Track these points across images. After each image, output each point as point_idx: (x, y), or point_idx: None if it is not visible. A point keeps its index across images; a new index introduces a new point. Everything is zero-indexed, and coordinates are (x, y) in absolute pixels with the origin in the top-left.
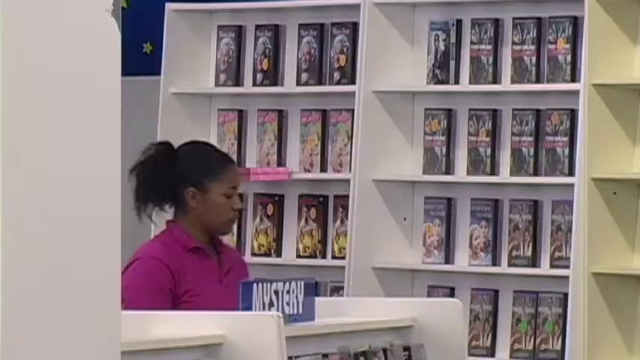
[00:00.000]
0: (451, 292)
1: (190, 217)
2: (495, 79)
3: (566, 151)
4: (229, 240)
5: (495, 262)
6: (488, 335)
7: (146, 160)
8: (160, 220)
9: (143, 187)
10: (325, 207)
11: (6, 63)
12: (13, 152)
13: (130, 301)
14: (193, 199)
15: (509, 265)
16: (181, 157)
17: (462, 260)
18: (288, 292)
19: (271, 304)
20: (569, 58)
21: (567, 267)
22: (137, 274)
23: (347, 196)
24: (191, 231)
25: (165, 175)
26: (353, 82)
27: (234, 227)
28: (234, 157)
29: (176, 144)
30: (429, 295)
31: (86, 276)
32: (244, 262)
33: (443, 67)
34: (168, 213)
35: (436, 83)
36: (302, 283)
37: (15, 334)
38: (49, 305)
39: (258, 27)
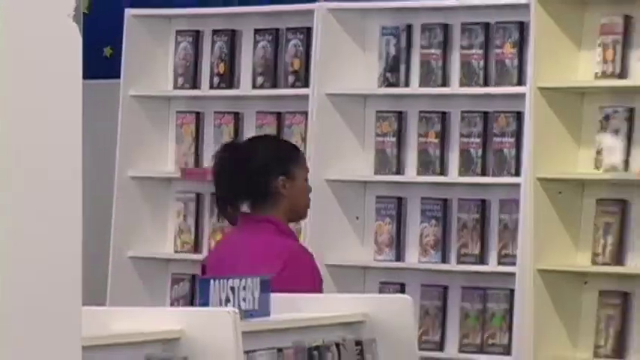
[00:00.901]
0: (402, 289)
1: (282, 206)
2: (444, 83)
3: (513, 152)
4: (186, 237)
5: (444, 260)
6: (437, 330)
7: (221, 165)
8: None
9: (228, 191)
10: None
11: None
12: None
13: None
14: (284, 187)
15: (458, 262)
16: (258, 151)
17: (412, 257)
18: (244, 288)
19: (228, 300)
20: (515, 62)
21: (514, 264)
22: (313, 268)
23: None
24: (283, 221)
25: (247, 172)
26: (307, 86)
27: (192, 223)
28: (192, 159)
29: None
30: (381, 291)
31: (47, 272)
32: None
33: (393, 71)
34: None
35: (387, 86)
36: (258, 279)
37: None
38: (8, 301)
39: (215, 32)
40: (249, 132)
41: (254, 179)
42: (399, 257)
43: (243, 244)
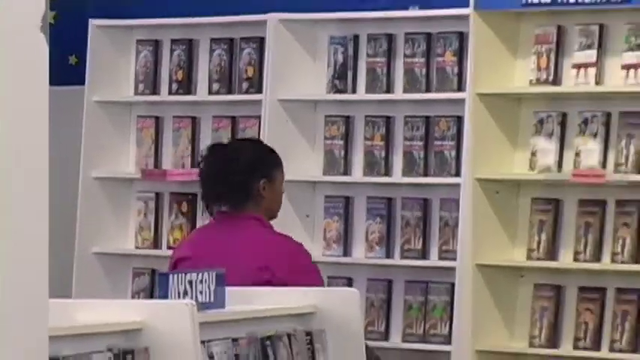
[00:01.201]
0: (349, 282)
1: (261, 207)
2: (389, 89)
3: (453, 154)
4: (146, 234)
5: (389, 255)
6: (382, 321)
7: (210, 162)
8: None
9: (213, 189)
10: None
11: None
12: None
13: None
14: (264, 190)
15: (402, 257)
16: (242, 154)
17: (359, 253)
18: (201, 281)
19: (185, 293)
20: (455, 69)
21: (454, 259)
22: (307, 257)
23: None
24: (262, 215)
25: (232, 173)
26: (260, 92)
27: (152, 221)
28: (152, 160)
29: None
30: (329, 284)
31: (15, 267)
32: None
33: (341, 78)
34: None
35: (335, 92)
36: (214, 274)
37: None
38: None
39: (173, 41)
40: (205, 135)
41: (237, 181)
42: (346, 253)
43: (230, 239)
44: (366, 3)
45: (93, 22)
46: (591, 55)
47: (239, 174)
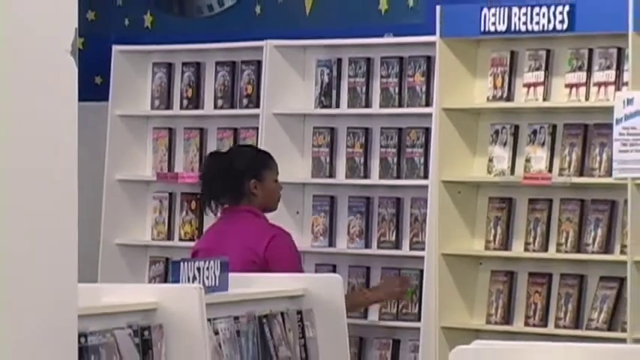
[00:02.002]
0: (333, 269)
1: (255, 203)
2: (367, 104)
3: (422, 160)
4: (161, 227)
5: (367, 246)
6: None
7: (214, 171)
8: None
9: (211, 190)
10: None
11: None
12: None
13: (297, 263)
14: (255, 188)
15: (378, 247)
16: (235, 159)
17: (342, 244)
18: (207, 269)
19: (194, 278)
20: (424, 88)
21: (423, 249)
22: (291, 247)
23: None
24: (258, 210)
25: (227, 176)
26: (257, 107)
27: (166, 217)
28: (166, 165)
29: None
30: (316, 271)
31: (50, 256)
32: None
33: (327, 95)
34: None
35: (321, 107)
36: (219, 262)
37: None
38: (22, 279)
39: (184, 64)
40: (211, 144)
41: (231, 182)
42: (331, 244)
43: (229, 229)
44: (347, 31)
45: (116, 48)
46: (539, 75)
47: (232, 176)
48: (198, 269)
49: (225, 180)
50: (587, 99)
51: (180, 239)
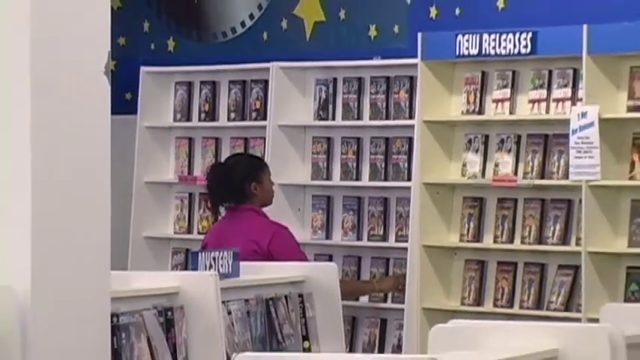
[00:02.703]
0: (330, 258)
1: (256, 201)
2: (359, 117)
3: (406, 164)
4: (182, 223)
5: (359, 238)
6: None
7: (218, 179)
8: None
9: (217, 195)
10: None
11: (34, 111)
12: (42, 170)
13: (299, 251)
14: (256, 189)
15: (368, 240)
16: (235, 167)
17: (337, 237)
18: (222, 258)
19: (211, 266)
20: (407, 103)
21: (406, 241)
22: (291, 239)
23: None
24: (258, 208)
25: (232, 178)
26: (265, 119)
27: (186, 214)
28: (186, 169)
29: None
30: (315, 260)
31: (88, 247)
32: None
33: (324, 109)
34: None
35: (320, 120)
36: (231, 252)
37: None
38: (63, 266)
39: (202, 82)
40: (225, 151)
41: (235, 187)
42: (327, 237)
43: (235, 226)
44: (341, 55)
45: (143, 69)
46: (506, 92)
47: (235, 182)
48: (214, 259)
49: (229, 186)
50: (547, 112)
51: (199, 233)
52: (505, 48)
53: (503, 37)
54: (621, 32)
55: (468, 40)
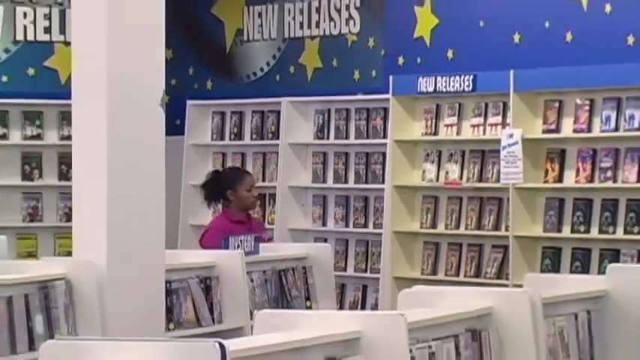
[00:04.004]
0: (325, 241)
1: (232, 206)
2: (347, 137)
3: (381, 172)
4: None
5: (347, 226)
6: (343, 261)
7: (207, 181)
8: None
9: (208, 195)
10: (264, 199)
11: (110, 131)
12: (115, 176)
13: (209, 241)
14: (231, 196)
15: (353, 227)
16: (223, 176)
17: (331, 225)
18: (246, 240)
19: (238, 246)
20: (382, 127)
21: (381, 228)
22: (211, 234)
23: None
24: (234, 212)
25: (216, 186)
26: (278, 139)
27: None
28: None
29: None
30: (315, 241)
31: (148, 233)
32: (261, 223)
33: (321, 131)
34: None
35: (318, 139)
36: (253, 236)
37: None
38: (132, 248)
39: (232, 112)
40: (249, 162)
41: (216, 192)
42: (324, 225)
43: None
44: (334, 92)
45: (189, 102)
46: (454, 119)
47: (216, 188)
48: (241, 241)
49: (212, 191)
50: (484, 134)
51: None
52: (453, 87)
53: (452, 79)
54: (538, 75)
55: (426, 81)
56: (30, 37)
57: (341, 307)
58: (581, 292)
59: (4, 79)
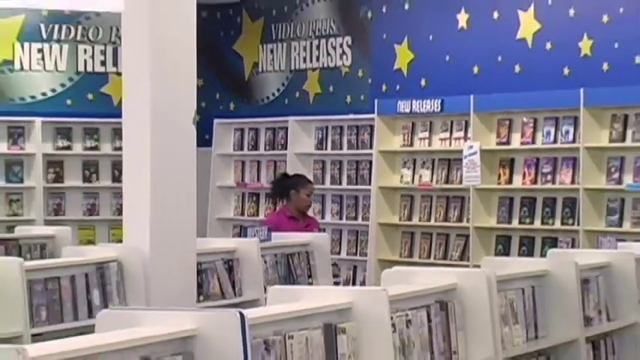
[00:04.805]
0: (324, 230)
1: (291, 203)
2: (341, 148)
3: (369, 176)
4: (237, 210)
5: (341, 219)
6: (337, 247)
7: (277, 180)
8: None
9: (275, 190)
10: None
11: (153, 144)
12: (156, 178)
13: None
14: (293, 196)
15: (346, 220)
16: (290, 179)
17: (328, 218)
18: (261, 231)
19: (254, 235)
20: (369, 141)
21: (368, 220)
22: (268, 222)
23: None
24: (291, 208)
25: (283, 185)
26: (286, 149)
27: (240, 205)
28: (240, 179)
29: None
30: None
31: (183, 225)
32: (316, 220)
33: (321, 144)
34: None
35: (318, 150)
36: (266, 227)
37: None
38: (172, 235)
39: (249, 128)
40: (263, 170)
41: (282, 192)
42: (322, 218)
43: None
44: (331, 112)
45: (216, 121)
46: (426, 134)
47: (282, 189)
48: (256, 231)
49: (279, 191)
50: (450, 146)
51: (248, 216)
52: (425, 108)
53: (425, 102)
54: (493, 99)
55: (404, 104)
56: (89, 69)
57: (336, 284)
58: (527, 271)
59: (69, 102)
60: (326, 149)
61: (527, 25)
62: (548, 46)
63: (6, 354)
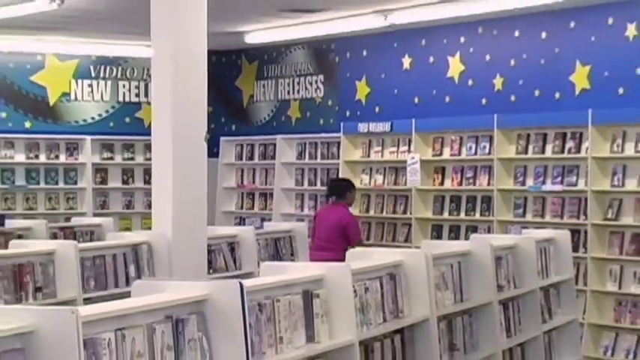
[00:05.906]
0: (302, 221)
1: (345, 200)
2: (316, 158)
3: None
4: (237, 206)
5: (315, 211)
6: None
7: (338, 180)
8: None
9: (336, 187)
10: (266, 196)
11: (175, 155)
12: (177, 180)
13: (359, 231)
14: (349, 195)
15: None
16: (344, 181)
17: (307, 211)
18: (255, 221)
19: (251, 224)
20: (337, 152)
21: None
22: (356, 225)
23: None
24: (346, 205)
25: (341, 187)
26: (274, 159)
27: (240, 201)
28: (240, 181)
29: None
30: (297, 221)
31: (195, 217)
32: None
33: (300, 155)
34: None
35: (298, 160)
36: (259, 218)
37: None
38: (188, 222)
39: (247, 144)
40: (257, 175)
41: (340, 191)
42: (302, 211)
43: (334, 210)
44: (308, 131)
45: (222, 138)
46: (379, 149)
47: (341, 189)
48: (252, 221)
49: (337, 190)
50: (397, 157)
51: (246, 210)
52: (379, 129)
53: (378, 124)
54: (430, 122)
55: (363, 126)
56: (127, 100)
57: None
58: (455, 251)
59: (111, 124)
60: (304, 159)
61: (455, 67)
62: (470, 82)
63: (64, 314)
